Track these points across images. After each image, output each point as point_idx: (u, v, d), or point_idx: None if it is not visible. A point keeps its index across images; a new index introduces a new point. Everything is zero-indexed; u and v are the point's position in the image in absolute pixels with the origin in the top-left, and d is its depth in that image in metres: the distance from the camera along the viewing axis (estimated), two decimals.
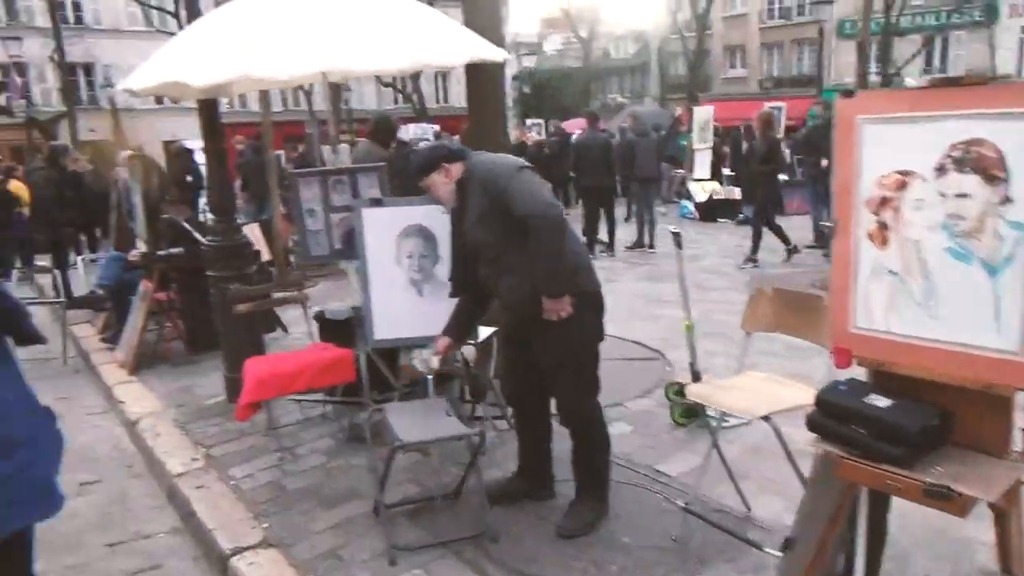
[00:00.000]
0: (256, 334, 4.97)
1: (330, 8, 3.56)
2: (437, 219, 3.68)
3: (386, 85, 32.58)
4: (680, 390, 4.61)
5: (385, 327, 3.75)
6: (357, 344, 4.48)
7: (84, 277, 9.35)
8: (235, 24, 3.53)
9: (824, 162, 11.18)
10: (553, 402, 3.38)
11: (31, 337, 1.80)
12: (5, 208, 10.86)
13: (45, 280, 9.83)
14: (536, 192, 2.95)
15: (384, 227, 3.66)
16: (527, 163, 3.11)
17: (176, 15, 22.62)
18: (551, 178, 6.35)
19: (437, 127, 18.96)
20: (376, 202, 3.69)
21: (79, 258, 9.75)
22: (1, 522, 1.68)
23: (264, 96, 7.61)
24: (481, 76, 4.58)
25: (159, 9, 25.35)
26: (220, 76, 3.34)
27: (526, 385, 3.34)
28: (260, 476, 3.93)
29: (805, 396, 2.83)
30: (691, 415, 4.33)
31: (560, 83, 41.25)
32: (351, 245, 4.45)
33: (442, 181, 3.16)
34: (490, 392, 4.19)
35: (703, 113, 14.18)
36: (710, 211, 13.76)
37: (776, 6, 33.41)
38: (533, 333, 3.14)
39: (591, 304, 3.14)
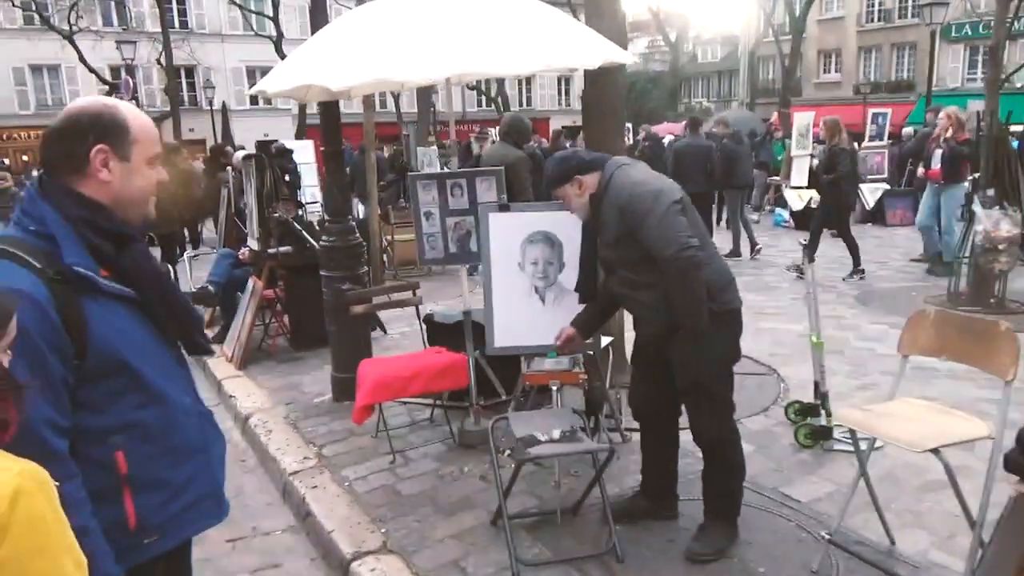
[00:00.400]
0: (366, 335, 5.00)
1: (462, 10, 3.52)
2: (563, 226, 3.60)
3: (471, 88, 32.84)
4: (801, 409, 4.40)
5: (505, 334, 3.69)
6: (467, 348, 4.46)
7: (188, 272, 9.67)
8: (368, 28, 3.53)
9: (921, 171, 10.65)
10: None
11: (200, 348, 1.79)
12: None
13: None
14: (671, 232, 2.77)
15: (509, 232, 3.60)
16: (667, 188, 2.94)
17: (275, 20, 23.38)
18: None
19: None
20: (503, 207, 3.62)
21: (184, 254, 10.10)
22: (179, 529, 1.67)
23: (368, 99, 7.73)
24: (600, 79, 4.47)
25: (258, 13, 26.31)
26: (357, 79, 3.34)
27: (655, 402, 3.21)
28: (373, 479, 3.92)
29: (975, 428, 2.62)
30: (816, 437, 4.10)
31: (645, 86, 40.77)
32: (466, 249, 4.42)
33: (575, 193, 3.04)
34: (605, 404, 4.08)
35: (803, 119, 13.64)
36: (807, 220, 13.23)
37: (876, 9, 32.16)
38: (667, 350, 3.00)
39: (731, 322, 2.99)
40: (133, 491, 1.55)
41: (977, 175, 7.82)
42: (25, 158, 27.96)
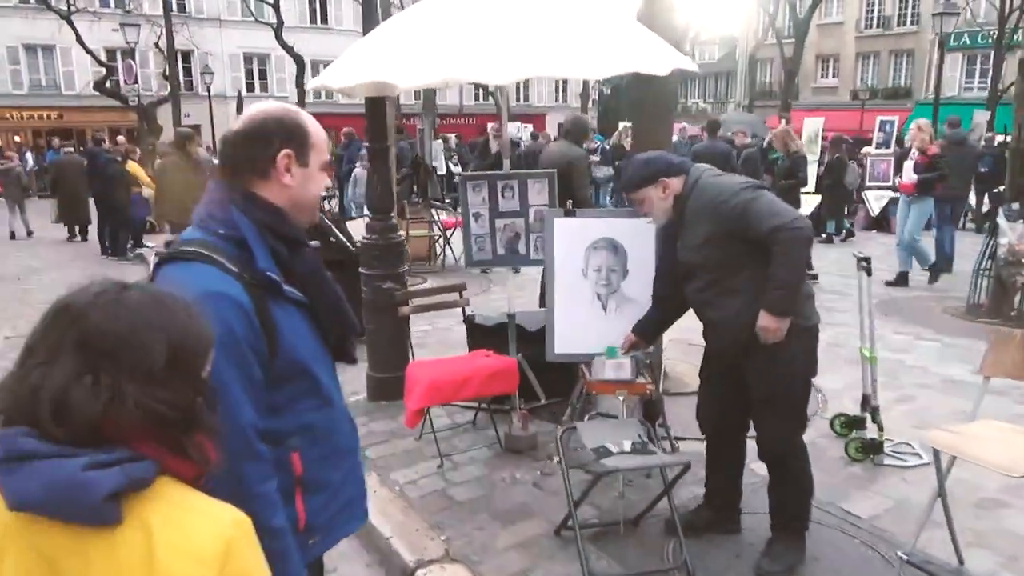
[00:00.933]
0: (406, 335, 4.92)
1: (532, 11, 3.45)
2: (628, 233, 3.56)
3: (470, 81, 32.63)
4: (847, 421, 4.38)
5: (565, 341, 3.63)
6: (510, 351, 4.41)
7: None
8: (437, 26, 3.44)
9: (896, 181, 10.62)
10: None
11: (348, 357, 1.79)
12: (124, 188, 11.24)
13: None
14: (780, 205, 2.79)
15: (573, 238, 3.55)
16: (756, 181, 2.93)
17: (276, 6, 23.12)
18: None
19: (530, 126, 18.90)
20: (569, 212, 3.56)
21: None
22: (336, 530, 1.69)
23: None
24: (653, 85, 4.42)
25: None
26: (426, 79, 3.27)
27: (725, 415, 3.17)
28: (423, 484, 3.86)
29: None
30: (867, 451, 4.09)
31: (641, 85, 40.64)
32: (514, 251, 4.37)
33: (659, 196, 2.98)
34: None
35: (813, 125, 13.69)
36: (815, 225, 13.27)
37: (875, 15, 32.30)
38: (744, 360, 2.95)
39: (811, 339, 2.95)
40: (304, 492, 1.57)
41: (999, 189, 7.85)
42: (17, 138, 27.54)
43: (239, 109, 14.66)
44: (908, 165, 9.13)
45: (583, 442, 3.07)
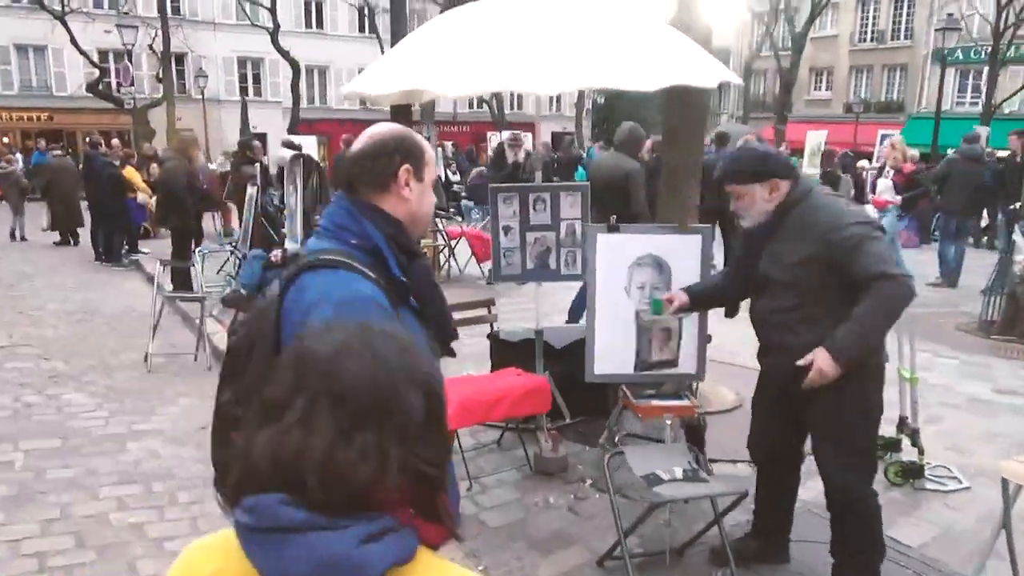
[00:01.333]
0: None
1: (579, 21, 3.34)
2: (672, 250, 3.45)
3: None
4: (884, 444, 4.27)
5: (605, 362, 3.50)
6: (537, 369, 4.29)
7: (200, 268, 9.33)
8: (481, 35, 3.31)
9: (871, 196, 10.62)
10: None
11: (451, 355, 1.76)
12: (122, 192, 11.04)
13: (152, 267, 9.87)
14: (891, 255, 2.66)
15: (616, 254, 3.42)
16: (875, 220, 2.79)
17: (272, 10, 22.96)
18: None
19: (529, 134, 18.75)
20: (612, 228, 3.44)
21: (197, 250, 9.77)
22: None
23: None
24: (687, 99, 4.34)
25: (253, 2, 25.80)
26: (471, 88, 3.15)
27: (779, 440, 3.03)
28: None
29: None
30: (907, 475, 3.99)
31: (635, 95, 40.68)
32: (544, 265, 4.25)
33: (764, 196, 2.76)
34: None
35: (816, 137, 13.68)
36: None
37: (869, 29, 32.50)
38: (806, 393, 2.69)
39: (881, 374, 2.79)
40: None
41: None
42: (6, 139, 27.14)
43: (243, 114, 14.54)
44: (882, 183, 9.22)
45: (632, 468, 2.95)
